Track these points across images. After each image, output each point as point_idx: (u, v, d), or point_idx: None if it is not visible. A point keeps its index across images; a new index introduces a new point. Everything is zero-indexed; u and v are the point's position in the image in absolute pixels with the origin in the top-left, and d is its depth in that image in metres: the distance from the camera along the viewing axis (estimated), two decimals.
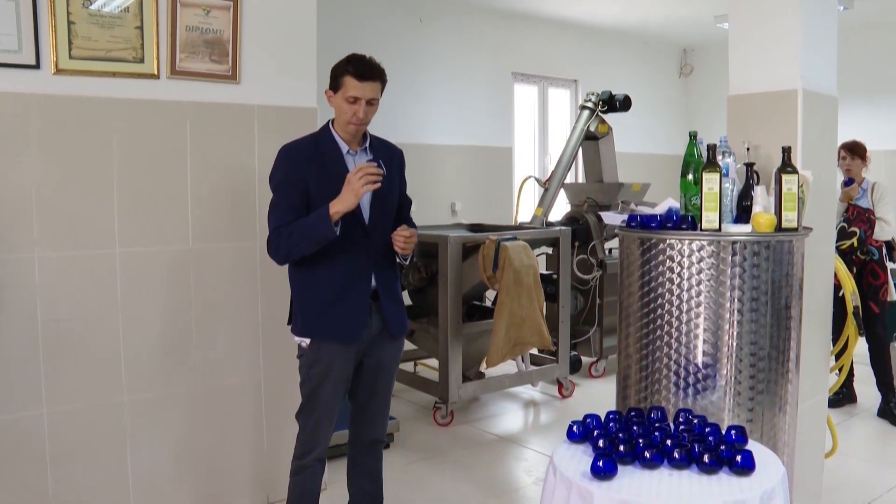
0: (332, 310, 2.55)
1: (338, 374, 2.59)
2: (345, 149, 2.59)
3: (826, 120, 3.04)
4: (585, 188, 6.03)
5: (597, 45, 7.82)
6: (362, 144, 2.63)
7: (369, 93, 2.49)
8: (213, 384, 3.25)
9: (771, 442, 2.48)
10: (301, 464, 2.66)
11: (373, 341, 2.64)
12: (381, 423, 2.81)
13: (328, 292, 2.55)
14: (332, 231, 2.42)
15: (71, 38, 2.82)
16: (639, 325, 2.56)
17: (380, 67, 2.52)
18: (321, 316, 2.55)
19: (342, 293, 2.55)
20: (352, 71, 2.47)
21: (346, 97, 2.49)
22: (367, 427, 2.78)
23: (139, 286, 3.06)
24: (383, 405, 2.79)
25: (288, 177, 2.54)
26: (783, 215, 2.50)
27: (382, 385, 2.74)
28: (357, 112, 2.49)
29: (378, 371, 2.70)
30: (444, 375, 4.58)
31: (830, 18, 3.05)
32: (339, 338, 2.56)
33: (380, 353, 2.68)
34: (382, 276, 2.63)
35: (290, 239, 2.48)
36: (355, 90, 2.47)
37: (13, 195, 2.79)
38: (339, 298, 2.55)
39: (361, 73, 2.47)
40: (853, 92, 6.44)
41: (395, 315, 2.68)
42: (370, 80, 2.48)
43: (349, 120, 2.51)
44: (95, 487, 3.00)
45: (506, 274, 4.45)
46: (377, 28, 6.12)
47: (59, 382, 2.90)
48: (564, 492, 1.95)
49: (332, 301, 2.55)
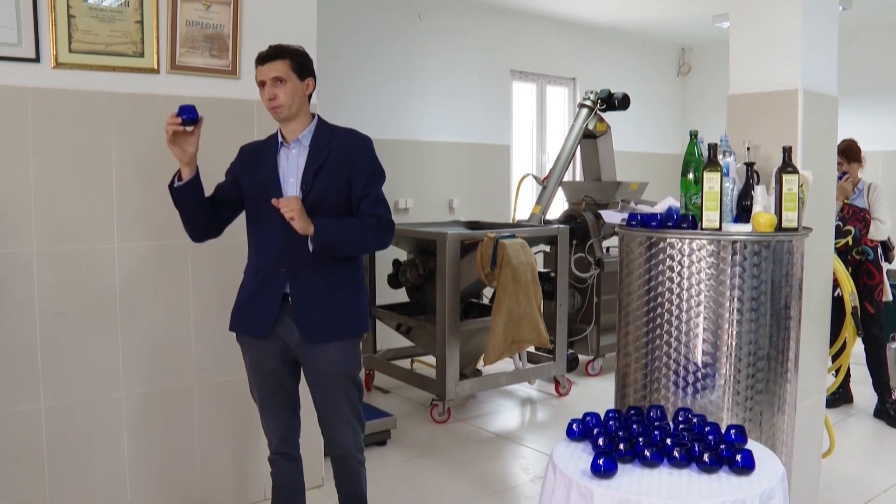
0: (247, 306, 2.59)
1: (259, 367, 2.59)
2: (280, 142, 2.57)
3: (826, 120, 3.05)
4: (583, 186, 6.02)
5: (595, 44, 7.82)
6: (300, 135, 2.52)
7: (271, 72, 2.45)
8: (211, 380, 3.25)
9: (770, 441, 2.49)
10: (269, 457, 2.73)
11: (299, 346, 2.53)
12: (341, 437, 2.61)
13: (247, 287, 2.61)
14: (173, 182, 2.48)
15: (71, 31, 2.81)
16: (638, 324, 2.56)
17: (281, 46, 2.49)
18: (239, 310, 2.62)
19: (256, 289, 2.56)
20: (257, 60, 2.50)
21: (257, 87, 2.51)
22: (328, 442, 2.67)
23: (137, 281, 3.05)
24: (333, 417, 2.59)
25: (230, 167, 2.65)
26: (783, 215, 2.50)
27: (321, 395, 2.57)
28: (266, 95, 2.47)
29: (314, 379, 2.57)
30: (441, 373, 4.58)
31: (831, 18, 3.05)
32: (249, 332, 2.58)
33: (308, 359, 2.56)
34: (300, 278, 2.49)
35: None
36: (258, 75, 2.48)
37: (12, 189, 2.78)
38: (253, 295, 2.57)
39: (260, 58, 2.48)
40: (853, 92, 6.45)
41: (312, 320, 2.49)
42: (267, 61, 2.46)
43: (267, 107, 2.50)
44: (92, 482, 3.00)
45: (503, 272, 4.45)
46: (376, 24, 6.11)
47: (56, 377, 2.89)
48: (564, 490, 1.95)
49: (247, 296, 2.59)
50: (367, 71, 6.04)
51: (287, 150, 2.54)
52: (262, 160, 2.56)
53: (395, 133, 6.23)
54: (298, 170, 2.50)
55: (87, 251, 2.94)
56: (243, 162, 2.62)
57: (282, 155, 2.54)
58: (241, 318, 2.61)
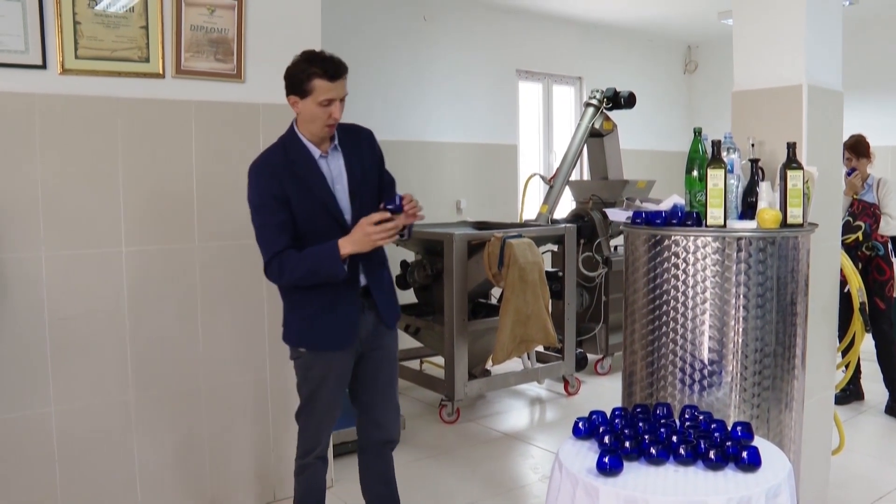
0: (325, 318, 2.48)
1: (336, 375, 2.55)
2: (316, 153, 2.48)
3: (831, 115, 3.03)
4: (590, 185, 6.02)
5: (601, 42, 7.81)
6: (332, 143, 2.51)
7: (342, 90, 2.38)
8: (219, 382, 3.27)
9: (777, 438, 2.48)
10: (303, 463, 2.64)
11: (368, 335, 2.58)
12: (390, 423, 2.71)
13: (319, 300, 2.48)
14: (342, 270, 2.35)
15: (77, 38, 2.84)
16: (644, 322, 2.56)
17: (343, 61, 2.39)
18: (313, 326, 2.50)
19: (332, 301, 2.48)
20: (320, 73, 2.33)
21: (318, 101, 2.35)
22: (375, 428, 2.69)
23: (145, 284, 3.07)
24: (389, 403, 2.69)
25: (264, 195, 2.41)
26: (788, 211, 2.50)
27: (383, 379, 2.65)
28: (333, 113, 2.38)
29: (377, 364, 2.63)
30: (449, 373, 4.59)
31: (835, 13, 3.03)
32: (334, 345, 2.51)
33: (376, 345, 2.60)
34: (371, 270, 2.55)
35: (294, 272, 2.38)
36: (329, 92, 2.35)
37: (20, 195, 2.80)
38: (330, 305, 2.48)
39: (332, 72, 2.34)
40: (858, 87, 6.41)
41: (388, 306, 2.61)
42: (340, 77, 2.36)
43: (325, 123, 2.40)
44: (103, 484, 3.02)
45: (511, 271, 4.45)
46: (381, 26, 6.13)
47: (66, 380, 2.92)
48: (570, 488, 1.95)
49: (322, 310, 2.48)
50: (373, 73, 6.06)
51: (325, 159, 2.50)
52: (305, 175, 2.44)
53: (402, 134, 6.25)
54: (342, 176, 2.51)
55: (94, 255, 2.96)
56: (286, 182, 2.41)
57: (322, 165, 2.48)
58: (319, 333, 2.49)
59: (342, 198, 2.50)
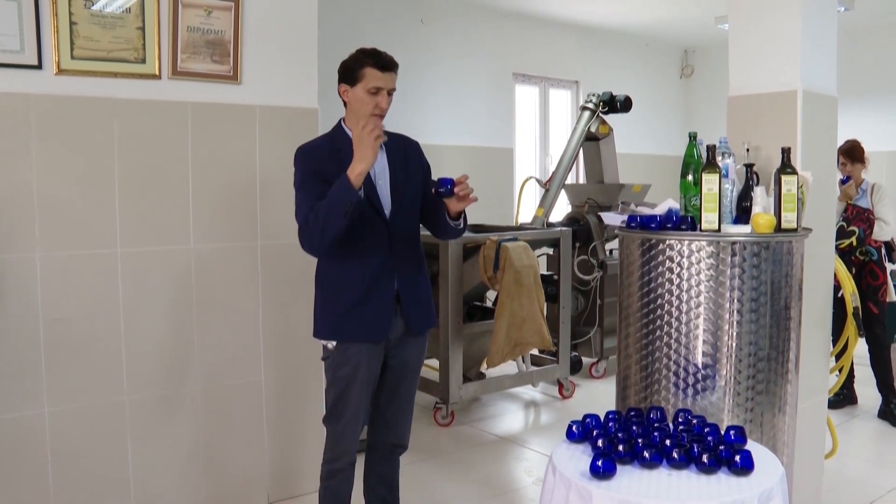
0: (358, 310, 2.49)
1: (364, 375, 2.54)
2: None
3: (826, 120, 3.05)
4: (586, 189, 6.03)
5: (598, 46, 7.83)
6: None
7: (391, 82, 2.50)
8: (214, 384, 3.26)
9: (770, 442, 2.48)
10: (332, 468, 2.62)
11: (397, 341, 2.59)
12: (403, 428, 2.74)
13: (353, 292, 2.50)
14: (355, 193, 2.32)
15: (73, 38, 2.83)
16: (638, 326, 2.57)
17: (394, 59, 2.55)
18: (347, 316, 2.51)
19: (367, 292, 2.50)
20: (372, 63, 2.47)
21: (367, 88, 2.47)
22: (387, 431, 2.71)
23: (140, 286, 3.06)
24: (406, 408, 2.72)
25: (308, 173, 2.47)
26: (783, 216, 2.51)
27: (405, 386, 2.68)
28: (380, 102, 2.48)
29: (402, 372, 2.65)
30: (444, 376, 4.59)
31: (830, 19, 3.05)
32: (366, 337, 2.51)
33: (403, 353, 2.62)
34: (405, 275, 2.57)
35: (318, 220, 2.35)
36: (378, 80, 2.47)
37: (15, 195, 2.80)
38: (364, 298, 2.50)
39: (384, 63, 2.48)
40: (853, 92, 6.45)
41: (419, 314, 2.61)
42: (392, 70, 2.51)
43: (371, 111, 2.47)
44: (96, 487, 3.01)
45: (506, 274, 4.45)
46: (378, 29, 6.13)
47: (60, 382, 2.91)
48: (563, 491, 1.95)
49: (357, 301, 2.49)
50: None
51: None
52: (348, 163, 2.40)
53: None
54: (384, 172, 2.56)
55: (90, 256, 2.95)
56: (329, 167, 2.45)
57: None
58: (354, 324, 2.51)
59: (384, 193, 2.54)
